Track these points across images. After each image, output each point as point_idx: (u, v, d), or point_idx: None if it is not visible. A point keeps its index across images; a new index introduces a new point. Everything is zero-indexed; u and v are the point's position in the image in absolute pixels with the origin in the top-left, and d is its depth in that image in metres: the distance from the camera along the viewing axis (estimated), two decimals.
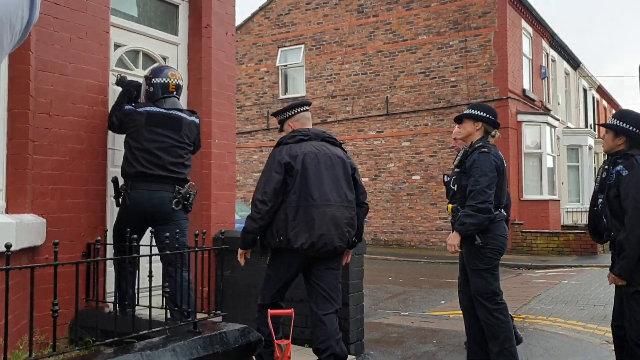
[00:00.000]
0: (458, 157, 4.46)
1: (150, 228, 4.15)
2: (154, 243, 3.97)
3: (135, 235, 3.44)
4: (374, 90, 18.41)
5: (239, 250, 3.95)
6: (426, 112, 17.54)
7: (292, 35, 20.08)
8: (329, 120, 18.78)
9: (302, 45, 19.87)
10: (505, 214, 4.40)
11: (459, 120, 4.54)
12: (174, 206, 4.25)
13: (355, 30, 18.85)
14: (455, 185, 4.44)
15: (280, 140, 3.93)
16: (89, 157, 4.38)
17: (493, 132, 4.44)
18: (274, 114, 4.20)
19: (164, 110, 4.31)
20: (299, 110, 4.06)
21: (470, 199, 4.13)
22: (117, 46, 4.90)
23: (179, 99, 4.48)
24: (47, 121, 4.09)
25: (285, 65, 20.34)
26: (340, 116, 18.84)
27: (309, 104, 4.19)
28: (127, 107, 4.33)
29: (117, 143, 4.67)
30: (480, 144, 4.32)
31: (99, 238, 3.46)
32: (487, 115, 4.40)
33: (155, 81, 4.36)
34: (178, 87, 4.45)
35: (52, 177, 4.13)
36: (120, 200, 4.32)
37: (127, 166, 4.27)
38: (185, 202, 4.33)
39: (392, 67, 18.16)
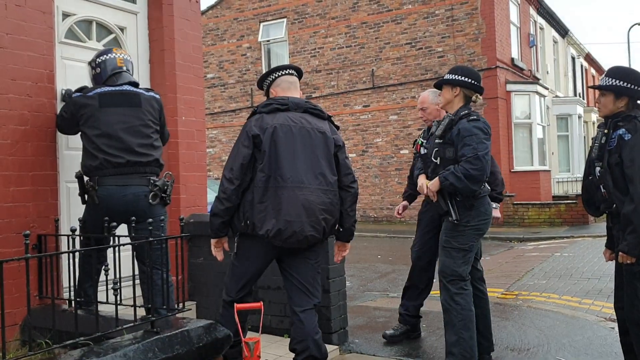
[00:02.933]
0: (441, 127, 3.96)
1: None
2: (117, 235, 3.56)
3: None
4: (359, 64, 17.92)
5: (211, 241, 3.45)
6: (413, 84, 17.09)
7: (274, 9, 19.47)
8: (314, 95, 18.29)
9: (284, 19, 19.29)
10: (489, 188, 3.98)
11: (438, 86, 4.09)
12: (150, 200, 3.79)
13: (338, 2, 18.27)
14: (438, 158, 3.94)
15: (254, 109, 3.44)
16: (35, 139, 3.95)
17: (474, 97, 3.95)
18: (258, 84, 3.69)
19: (117, 88, 3.84)
20: (279, 73, 3.54)
21: (465, 162, 3.67)
22: (66, 15, 4.43)
23: (131, 74, 4.02)
24: None
25: (268, 41, 19.76)
26: (325, 91, 18.37)
27: (293, 67, 3.61)
28: (75, 94, 3.86)
29: None
30: (466, 111, 3.87)
31: (27, 232, 3.02)
32: (465, 79, 3.91)
33: (100, 60, 3.91)
34: (127, 62, 3.99)
35: None
36: (86, 198, 3.82)
37: (89, 159, 3.75)
38: (163, 195, 3.88)
39: (377, 38, 17.65)
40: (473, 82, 3.92)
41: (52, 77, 4.09)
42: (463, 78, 3.91)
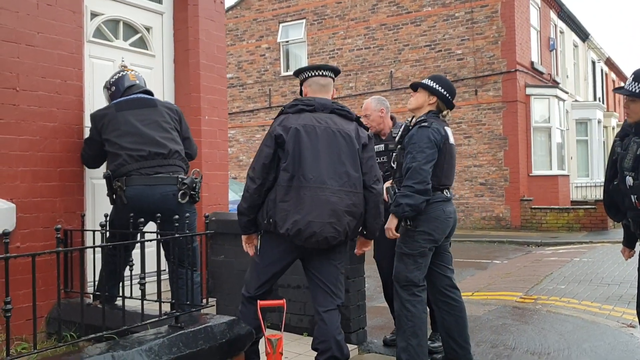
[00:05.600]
0: (399, 132, 4.03)
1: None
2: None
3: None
4: (378, 65, 17.92)
5: (242, 237, 3.51)
6: None
7: (293, 10, 19.55)
8: None
9: (304, 20, 19.35)
10: (447, 195, 3.92)
11: (414, 87, 4.05)
12: (180, 199, 3.80)
13: (357, 3, 18.29)
14: (395, 163, 3.98)
15: (281, 109, 3.47)
16: (62, 135, 4.01)
17: (445, 113, 3.99)
18: (294, 73, 3.71)
19: (132, 96, 3.92)
20: (312, 73, 3.53)
21: (407, 179, 3.71)
22: (94, 15, 4.51)
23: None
24: (13, 97, 3.72)
25: (287, 41, 19.84)
26: (343, 92, 18.39)
27: (329, 68, 3.57)
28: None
29: None
30: (422, 118, 3.88)
31: (59, 227, 3.08)
32: (445, 92, 3.93)
33: (114, 79, 4.01)
34: (138, 77, 4.09)
35: (22, 158, 3.77)
36: (114, 198, 3.84)
37: (113, 159, 3.78)
38: (192, 192, 3.88)
39: (396, 40, 17.64)
40: (449, 97, 3.95)
41: (81, 75, 4.15)
42: (443, 91, 3.94)
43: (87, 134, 4.24)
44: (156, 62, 5.02)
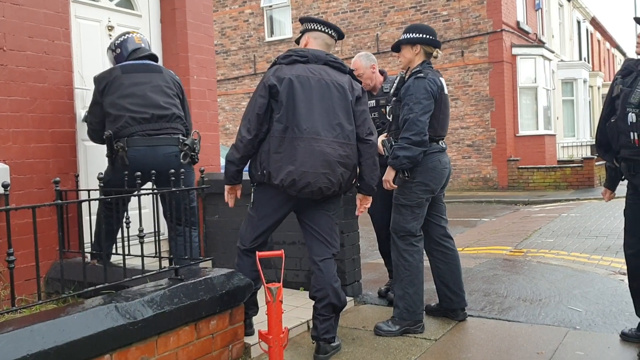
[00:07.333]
0: (394, 84, 4.03)
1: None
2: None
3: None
4: (364, 28, 17.77)
5: (225, 187, 3.52)
6: None
7: None
8: None
9: None
10: (443, 146, 3.97)
11: (396, 48, 4.05)
12: (182, 160, 3.81)
13: None
14: (391, 115, 4.00)
15: (274, 60, 3.45)
16: (53, 96, 3.98)
17: (434, 53, 3.99)
18: (301, 19, 3.63)
19: (139, 61, 3.89)
20: (323, 28, 3.49)
21: (404, 130, 3.73)
22: None
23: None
24: (1, 57, 3.68)
25: (270, 6, 19.57)
26: None
27: (338, 32, 3.55)
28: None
29: (87, 82, 4.26)
30: (418, 69, 3.88)
31: (58, 179, 3.07)
32: (423, 35, 3.92)
33: (119, 41, 3.97)
34: (143, 40, 4.05)
35: (12, 119, 3.75)
36: (114, 158, 3.81)
37: (114, 122, 3.74)
38: (192, 154, 3.89)
39: (381, 2, 17.46)
40: (431, 37, 3.94)
41: (68, 34, 4.10)
42: (421, 35, 3.93)
43: (77, 94, 4.22)
44: (142, 22, 4.96)
